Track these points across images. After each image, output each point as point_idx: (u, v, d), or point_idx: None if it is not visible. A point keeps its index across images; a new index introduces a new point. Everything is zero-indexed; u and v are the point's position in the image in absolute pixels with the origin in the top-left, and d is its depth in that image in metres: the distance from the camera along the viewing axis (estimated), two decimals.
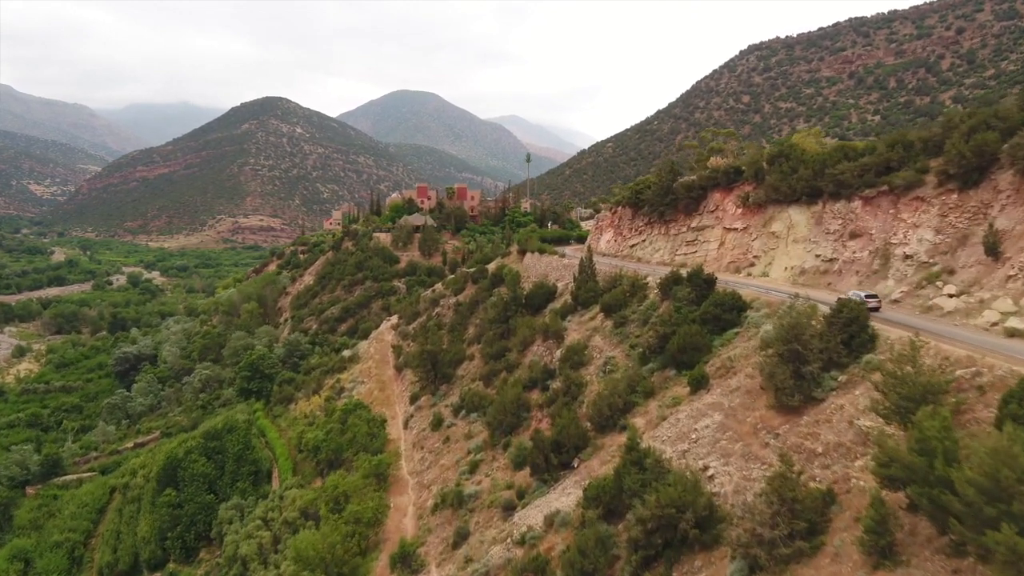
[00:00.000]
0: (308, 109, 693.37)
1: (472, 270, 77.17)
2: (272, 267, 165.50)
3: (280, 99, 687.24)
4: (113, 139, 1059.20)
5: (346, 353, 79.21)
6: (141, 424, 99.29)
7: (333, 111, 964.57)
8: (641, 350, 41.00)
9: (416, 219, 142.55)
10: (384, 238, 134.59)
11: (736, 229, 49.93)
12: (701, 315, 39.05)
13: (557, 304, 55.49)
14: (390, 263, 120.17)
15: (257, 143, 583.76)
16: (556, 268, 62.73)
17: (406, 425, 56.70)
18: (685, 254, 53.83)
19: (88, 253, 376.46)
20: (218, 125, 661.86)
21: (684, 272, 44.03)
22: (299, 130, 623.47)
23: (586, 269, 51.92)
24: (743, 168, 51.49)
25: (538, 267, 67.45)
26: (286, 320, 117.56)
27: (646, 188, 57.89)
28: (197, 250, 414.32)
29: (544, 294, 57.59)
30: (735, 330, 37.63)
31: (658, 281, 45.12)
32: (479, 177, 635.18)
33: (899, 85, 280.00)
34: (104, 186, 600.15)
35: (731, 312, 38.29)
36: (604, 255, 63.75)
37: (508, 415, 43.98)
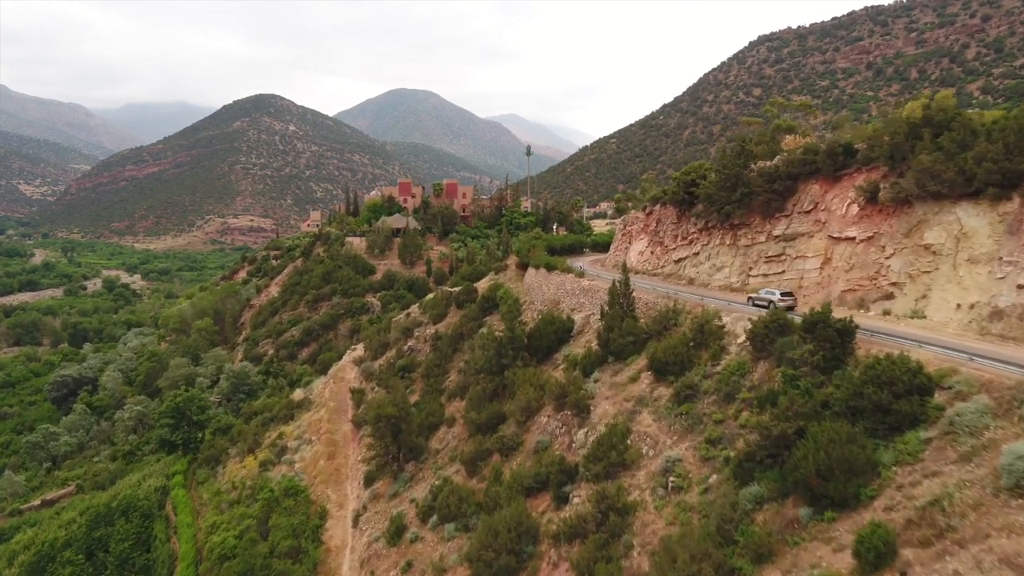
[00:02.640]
0: (302, 107, 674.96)
1: (456, 290, 59.22)
2: (242, 274, 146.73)
3: (273, 96, 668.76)
4: (109, 139, 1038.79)
5: (297, 394, 61.27)
6: (60, 470, 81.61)
7: (331, 110, 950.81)
8: (733, 455, 23.55)
9: (397, 221, 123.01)
10: (358, 243, 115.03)
11: (852, 239, 32.36)
12: (848, 401, 21.62)
13: (576, 348, 37.87)
14: (364, 274, 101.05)
15: (248, 141, 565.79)
16: (571, 292, 44.80)
17: (356, 522, 39.13)
18: (766, 275, 36.19)
19: (70, 255, 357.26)
20: (209, 123, 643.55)
21: (795, 315, 26.65)
22: (292, 128, 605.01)
23: (620, 299, 34.29)
24: (858, 146, 33.94)
25: (545, 289, 49.52)
26: (244, 341, 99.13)
27: (701, 178, 40.24)
28: (183, 252, 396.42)
29: (555, 332, 39.81)
30: (921, 432, 20.20)
31: (747, 327, 27.51)
32: (477, 175, 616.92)
33: (921, 76, 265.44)
34: (93, 186, 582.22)
35: (906, 397, 20.84)
36: (636, 272, 46.03)
37: (502, 551, 26.52)
